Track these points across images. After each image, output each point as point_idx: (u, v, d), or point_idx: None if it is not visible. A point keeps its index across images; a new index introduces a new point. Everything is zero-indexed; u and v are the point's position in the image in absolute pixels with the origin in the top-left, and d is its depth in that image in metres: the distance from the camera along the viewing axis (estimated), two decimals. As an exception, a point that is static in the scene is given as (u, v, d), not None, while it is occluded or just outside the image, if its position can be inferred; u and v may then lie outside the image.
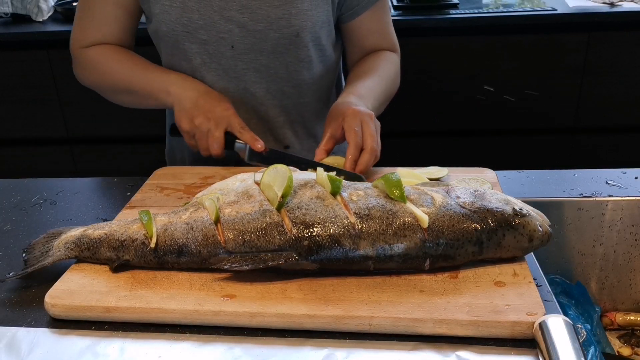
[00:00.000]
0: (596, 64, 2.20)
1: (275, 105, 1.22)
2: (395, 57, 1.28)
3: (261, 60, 1.16)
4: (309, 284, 0.76)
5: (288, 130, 1.26)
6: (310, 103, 1.25)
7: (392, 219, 0.77)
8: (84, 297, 0.76)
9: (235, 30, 1.13)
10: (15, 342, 0.73)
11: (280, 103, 1.22)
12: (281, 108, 1.23)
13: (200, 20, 1.12)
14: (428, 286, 0.75)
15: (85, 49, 1.20)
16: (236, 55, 1.16)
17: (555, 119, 2.30)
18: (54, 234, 0.87)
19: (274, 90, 1.20)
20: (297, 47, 1.16)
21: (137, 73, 1.17)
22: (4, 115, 2.38)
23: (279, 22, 1.12)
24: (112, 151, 2.46)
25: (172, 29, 1.14)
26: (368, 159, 1.01)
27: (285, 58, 1.17)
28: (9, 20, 2.42)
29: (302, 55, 1.17)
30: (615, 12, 2.15)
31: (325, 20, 1.17)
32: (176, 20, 1.13)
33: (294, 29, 1.13)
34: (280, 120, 1.24)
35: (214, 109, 1.08)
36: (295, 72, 1.19)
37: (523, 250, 0.80)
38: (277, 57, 1.16)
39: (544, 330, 0.66)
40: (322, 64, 1.23)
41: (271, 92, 1.20)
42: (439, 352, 0.68)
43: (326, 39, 1.20)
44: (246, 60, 1.16)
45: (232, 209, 0.81)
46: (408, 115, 2.27)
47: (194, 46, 1.15)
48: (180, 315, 0.73)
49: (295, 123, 1.26)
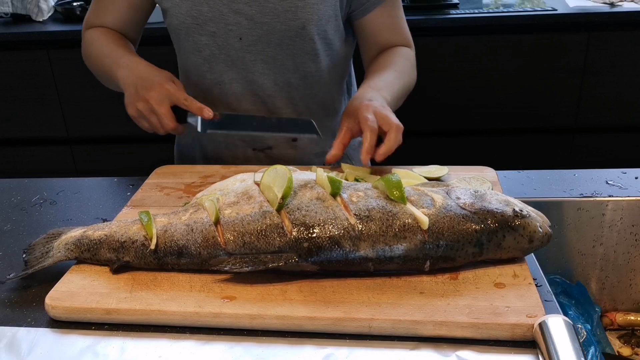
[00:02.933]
0: (596, 64, 2.20)
1: (283, 97, 1.23)
2: (410, 52, 1.28)
3: (268, 51, 1.18)
4: (309, 285, 0.76)
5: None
6: (318, 96, 1.26)
7: (392, 220, 0.77)
8: (84, 298, 0.76)
9: (243, 22, 1.15)
10: (15, 342, 0.73)
11: (288, 95, 1.23)
12: (289, 100, 1.23)
13: (210, 12, 1.14)
14: (428, 288, 0.75)
15: (87, 30, 1.26)
16: (244, 47, 1.17)
17: (555, 119, 2.30)
18: (54, 235, 0.87)
19: (282, 82, 1.21)
20: (303, 39, 1.17)
21: (108, 56, 1.18)
22: (4, 115, 2.38)
23: (286, 15, 1.14)
24: (112, 151, 2.46)
25: (182, 22, 1.17)
26: (395, 136, 1.00)
27: (291, 50, 1.18)
28: (9, 20, 2.42)
29: (308, 48, 1.18)
30: (615, 12, 2.15)
31: (332, 15, 1.18)
32: (186, 13, 1.15)
33: (300, 22, 1.14)
34: (288, 112, 1.25)
35: (152, 89, 1.06)
36: (302, 64, 1.20)
37: (523, 251, 0.80)
38: (283, 49, 1.18)
39: (544, 330, 0.66)
40: (329, 57, 1.23)
41: (279, 84, 1.21)
42: (439, 352, 0.68)
43: (333, 34, 1.21)
44: (254, 52, 1.18)
45: (232, 210, 0.81)
46: (408, 115, 2.26)
47: (203, 38, 1.17)
48: (180, 317, 0.73)
49: (303, 115, 1.26)
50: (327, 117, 1.29)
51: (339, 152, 1.05)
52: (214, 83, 1.22)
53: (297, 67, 1.20)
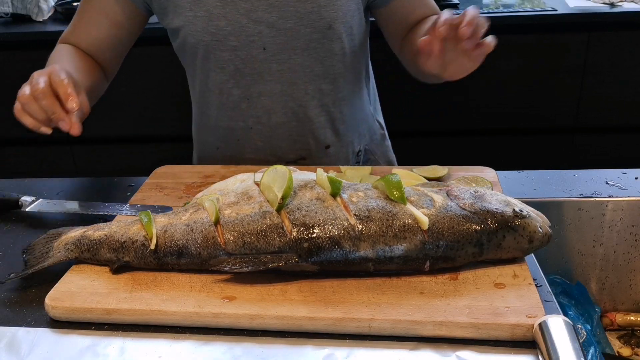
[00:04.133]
0: (596, 64, 2.20)
1: (315, 106, 1.18)
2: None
3: (295, 58, 1.12)
4: (309, 285, 0.76)
5: (329, 130, 1.21)
6: (347, 97, 1.21)
7: (392, 220, 0.77)
8: (84, 299, 0.76)
9: (265, 31, 1.09)
10: (15, 342, 0.73)
11: (320, 102, 1.18)
12: (321, 108, 1.18)
13: (228, 26, 1.09)
14: (428, 288, 0.75)
15: (58, 44, 1.21)
16: (269, 57, 1.12)
17: (555, 119, 2.30)
18: (54, 235, 0.87)
19: (312, 89, 1.16)
20: (330, 40, 1.11)
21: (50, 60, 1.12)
22: (4, 115, 2.37)
23: (310, 16, 1.08)
24: (112, 151, 2.46)
25: (200, 40, 1.11)
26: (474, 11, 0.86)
27: (319, 53, 1.13)
28: (9, 20, 2.42)
29: (337, 48, 1.13)
30: (615, 12, 2.15)
31: (356, 9, 1.13)
32: (203, 29, 1.10)
33: (325, 22, 1.09)
34: (322, 120, 1.20)
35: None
36: (331, 67, 1.15)
37: (523, 251, 0.80)
38: (310, 54, 1.12)
39: (544, 330, 0.66)
40: (354, 53, 1.18)
41: (310, 93, 1.16)
42: (439, 352, 0.68)
43: (357, 28, 1.16)
44: (280, 61, 1.12)
45: (232, 210, 0.81)
46: (408, 115, 2.26)
47: (225, 54, 1.12)
48: (180, 317, 0.73)
49: (337, 121, 1.21)
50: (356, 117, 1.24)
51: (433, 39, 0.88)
52: (241, 98, 1.17)
53: (327, 70, 1.15)
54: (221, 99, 1.18)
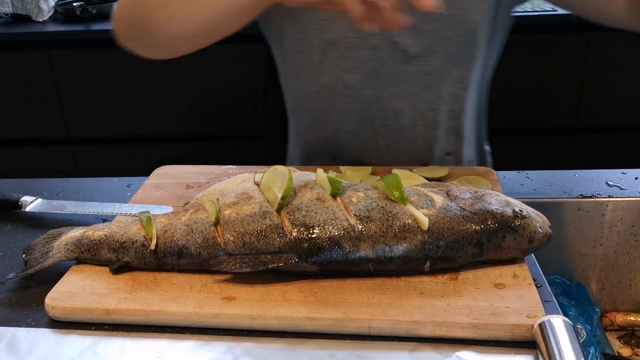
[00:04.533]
0: (596, 64, 2.20)
1: (445, 110, 1.13)
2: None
3: (433, 62, 1.09)
4: (309, 285, 0.76)
5: (452, 137, 1.17)
6: (475, 103, 1.18)
7: (392, 220, 0.77)
8: (84, 299, 0.76)
9: (406, 32, 1.05)
10: (15, 342, 0.73)
11: (450, 107, 1.14)
12: (450, 113, 1.14)
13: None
14: (428, 288, 0.75)
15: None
16: (407, 59, 1.08)
17: (555, 119, 2.30)
18: (54, 235, 0.87)
19: (445, 94, 1.12)
20: (472, 44, 1.08)
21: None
22: (4, 115, 2.38)
23: (453, 20, 1.04)
24: (112, 151, 2.46)
25: (343, 36, 1.06)
26: None
27: (456, 57, 1.09)
28: (9, 20, 2.43)
29: (477, 53, 1.09)
30: (615, 12, 2.14)
31: (495, 10, 1.08)
32: (348, 25, 1.04)
33: (468, 26, 1.05)
34: (446, 127, 1.15)
35: None
36: (467, 72, 1.11)
37: (523, 251, 0.80)
38: (447, 58, 1.09)
39: (544, 330, 0.66)
40: (490, 59, 1.15)
41: (442, 97, 1.12)
42: (439, 353, 0.68)
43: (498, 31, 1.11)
44: (417, 64, 1.09)
45: (231, 211, 0.81)
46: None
47: (365, 52, 1.08)
48: (180, 317, 0.73)
49: (462, 128, 1.17)
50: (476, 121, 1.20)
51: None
52: (372, 100, 1.12)
53: (464, 76, 1.11)
54: (349, 101, 1.14)
